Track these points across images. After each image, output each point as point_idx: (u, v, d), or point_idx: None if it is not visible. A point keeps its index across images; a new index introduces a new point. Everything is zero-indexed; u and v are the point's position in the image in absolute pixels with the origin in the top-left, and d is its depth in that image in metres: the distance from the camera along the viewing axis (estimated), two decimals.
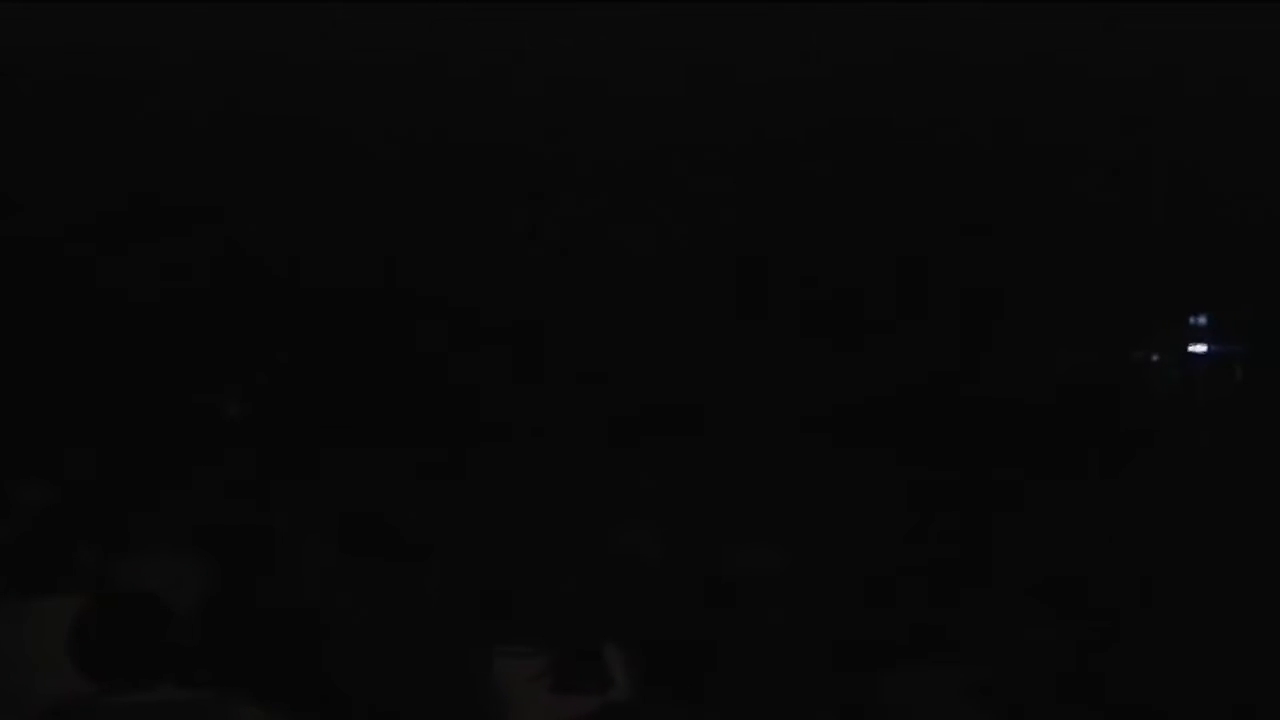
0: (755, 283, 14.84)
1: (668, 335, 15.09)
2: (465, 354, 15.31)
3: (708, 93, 13.53)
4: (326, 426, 13.16)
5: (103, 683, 3.02)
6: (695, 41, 12.89)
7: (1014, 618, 3.66)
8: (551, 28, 12.49)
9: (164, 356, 14.03)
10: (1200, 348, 17.29)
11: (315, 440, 11.78)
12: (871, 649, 3.71)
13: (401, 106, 13.27)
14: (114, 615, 3.08)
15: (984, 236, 16.03)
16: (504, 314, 15.67)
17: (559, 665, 3.47)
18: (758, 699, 3.79)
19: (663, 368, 14.79)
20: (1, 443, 8.52)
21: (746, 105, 13.71)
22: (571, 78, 13.00)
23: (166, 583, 4.10)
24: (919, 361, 15.42)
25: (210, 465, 7.09)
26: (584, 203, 15.02)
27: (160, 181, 13.28)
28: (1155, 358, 17.54)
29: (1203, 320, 16.88)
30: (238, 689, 3.12)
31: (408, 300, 15.68)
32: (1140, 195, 14.86)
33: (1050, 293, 15.65)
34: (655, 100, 13.47)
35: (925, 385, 15.05)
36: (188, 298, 13.98)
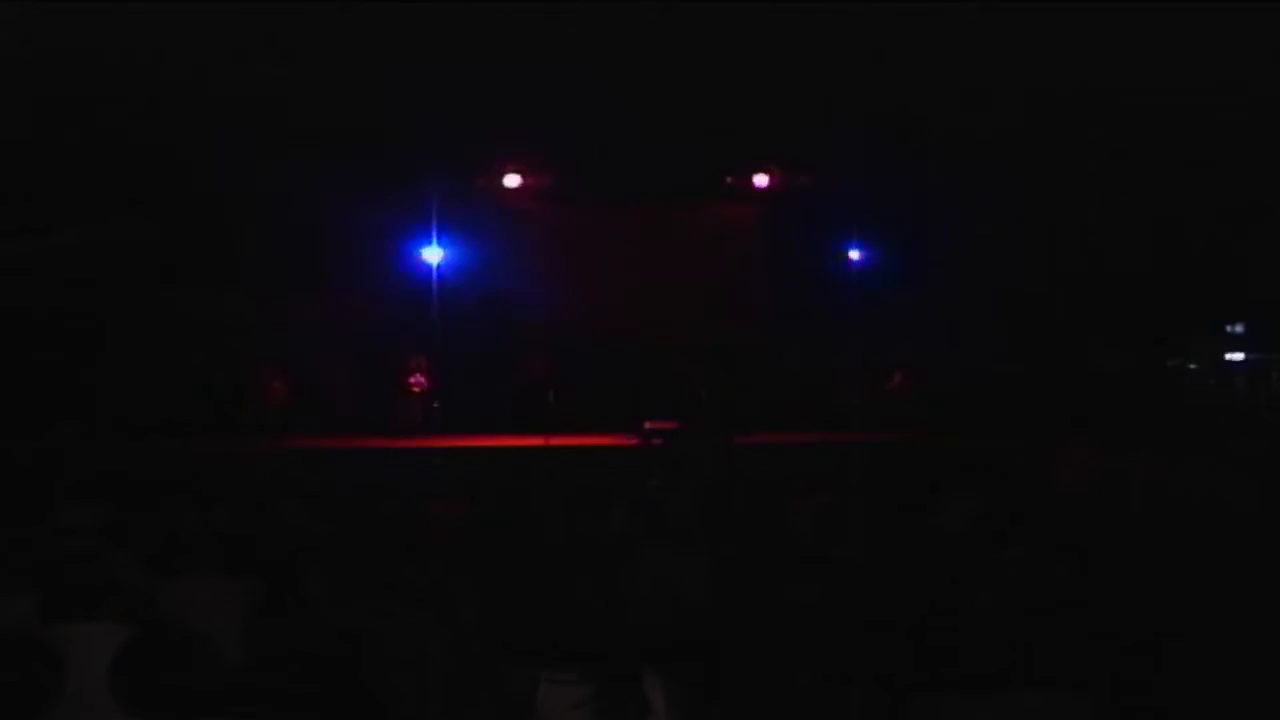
0: None
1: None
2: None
3: None
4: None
5: (144, 716, 3.00)
6: None
7: (1047, 642, 3.61)
8: None
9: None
10: (1237, 355, 17.18)
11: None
12: (901, 676, 3.68)
13: None
14: (156, 650, 3.06)
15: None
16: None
17: (600, 693, 3.45)
18: None
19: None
20: (49, 466, 8.60)
21: None
22: None
23: (209, 610, 4.10)
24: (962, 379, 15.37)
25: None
26: None
27: None
28: (1193, 365, 17.44)
29: (1239, 329, 16.74)
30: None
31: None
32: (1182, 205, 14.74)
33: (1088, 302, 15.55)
34: None
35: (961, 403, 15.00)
36: None
